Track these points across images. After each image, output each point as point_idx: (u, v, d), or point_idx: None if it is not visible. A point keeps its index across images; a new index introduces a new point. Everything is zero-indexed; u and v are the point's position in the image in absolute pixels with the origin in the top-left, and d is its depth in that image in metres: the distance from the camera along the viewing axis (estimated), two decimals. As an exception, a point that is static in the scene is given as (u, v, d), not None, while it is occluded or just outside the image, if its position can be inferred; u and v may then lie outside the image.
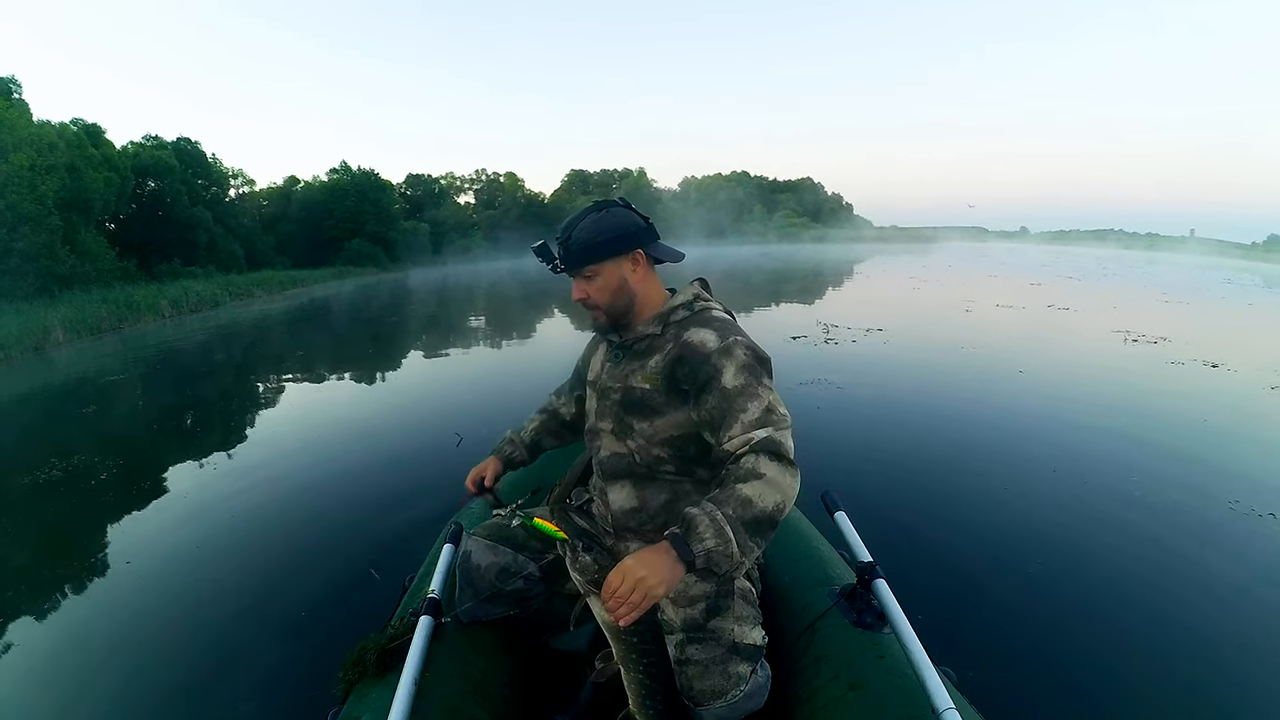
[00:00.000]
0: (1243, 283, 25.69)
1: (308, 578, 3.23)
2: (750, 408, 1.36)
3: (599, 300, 1.55)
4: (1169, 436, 5.15)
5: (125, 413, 7.29)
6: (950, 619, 2.64)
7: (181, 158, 30.37)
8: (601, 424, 1.61)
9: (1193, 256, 55.66)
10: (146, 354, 11.42)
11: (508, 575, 1.64)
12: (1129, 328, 10.74)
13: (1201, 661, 2.47)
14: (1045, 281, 21.41)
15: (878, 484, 4.12)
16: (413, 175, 55.33)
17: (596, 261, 1.51)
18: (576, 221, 1.51)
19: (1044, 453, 4.70)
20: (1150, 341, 9.53)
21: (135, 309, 16.17)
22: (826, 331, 9.90)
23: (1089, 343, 9.65)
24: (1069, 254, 51.29)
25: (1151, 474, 4.25)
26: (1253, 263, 51.07)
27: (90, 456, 5.30)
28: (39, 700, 2.51)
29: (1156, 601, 2.85)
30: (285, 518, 3.98)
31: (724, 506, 1.24)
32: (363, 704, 1.40)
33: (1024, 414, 5.76)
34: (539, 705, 1.70)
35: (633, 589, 1.18)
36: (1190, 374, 7.46)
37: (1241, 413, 5.93)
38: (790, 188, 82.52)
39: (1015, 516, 3.67)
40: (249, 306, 20.14)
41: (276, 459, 5.13)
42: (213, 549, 3.64)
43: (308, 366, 9.40)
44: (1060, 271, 27.61)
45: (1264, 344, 10.64)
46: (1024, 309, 13.71)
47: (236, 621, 2.91)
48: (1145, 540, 3.40)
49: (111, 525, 4.06)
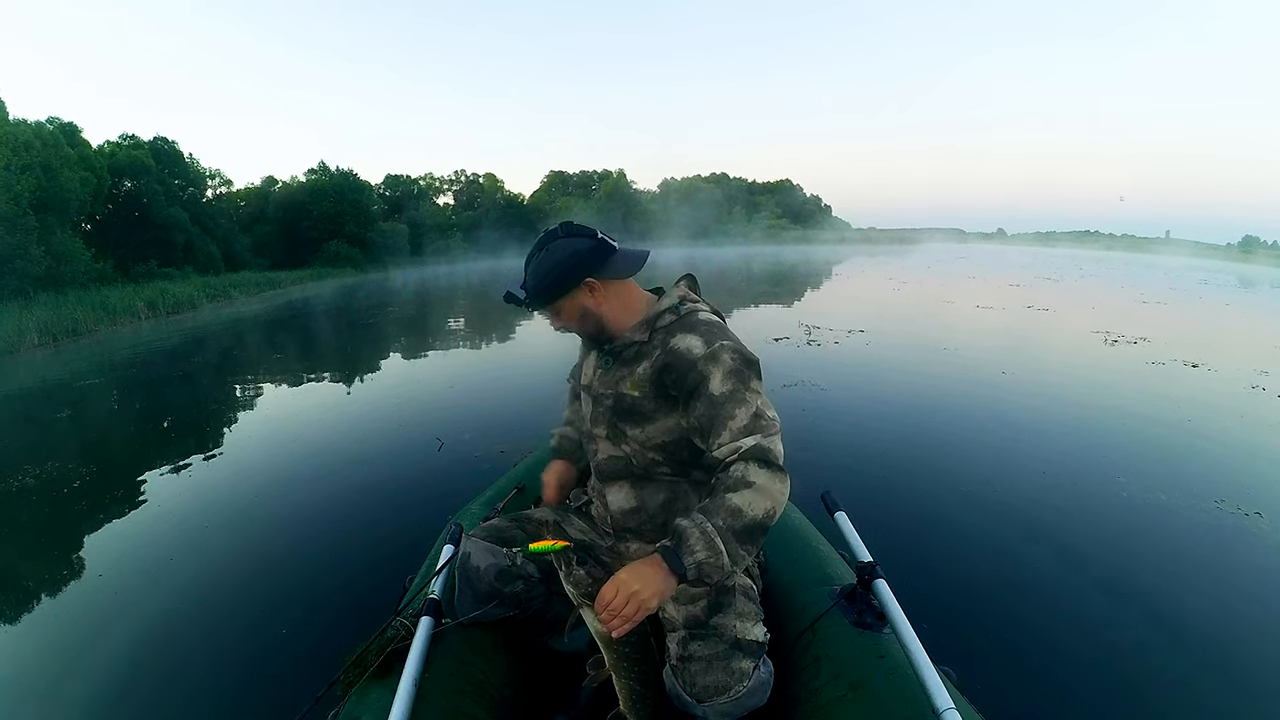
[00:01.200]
0: (1219, 283, 26.13)
1: (307, 578, 3.23)
2: (738, 414, 1.38)
3: (577, 326, 1.59)
4: (1154, 437, 5.21)
5: (102, 417, 7.15)
6: (950, 619, 2.64)
7: (158, 157, 29.78)
8: (596, 429, 1.63)
9: (1170, 258, 56.37)
10: (123, 357, 11.20)
11: (507, 576, 1.64)
12: (1109, 328, 10.90)
13: (1198, 659, 2.48)
14: (1024, 283, 21.63)
15: (876, 484, 4.13)
16: (391, 176, 54.16)
17: (551, 302, 1.54)
18: (530, 262, 1.54)
19: (1034, 453, 4.74)
20: (1130, 342, 9.66)
21: (112, 311, 15.84)
22: (809, 333, 9.92)
23: (1070, 343, 9.76)
24: (1046, 255, 51.94)
25: (1138, 474, 4.30)
26: (1229, 263, 51.90)
27: (65, 463, 5.17)
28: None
29: (1154, 601, 2.87)
30: (283, 518, 3.96)
31: (714, 517, 1.27)
32: (363, 704, 1.40)
33: (1011, 415, 5.80)
34: (539, 706, 1.71)
35: (626, 602, 1.22)
36: (1171, 374, 7.57)
37: (1223, 412, 6.03)
38: (770, 189, 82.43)
39: (1014, 516, 3.69)
40: (227, 309, 19.80)
41: (261, 462, 5.06)
42: (212, 549, 3.63)
43: (286, 369, 9.26)
44: (1038, 272, 27.90)
45: (1242, 343, 10.83)
46: (1004, 310, 13.86)
47: (236, 623, 2.90)
48: (1137, 540, 3.44)
49: (92, 532, 3.98)
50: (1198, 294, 20.38)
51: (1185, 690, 2.33)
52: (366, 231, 40.95)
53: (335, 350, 11.19)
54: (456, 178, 60.54)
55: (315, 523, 3.85)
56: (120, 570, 3.45)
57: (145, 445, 5.98)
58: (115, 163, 27.02)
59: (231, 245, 33.82)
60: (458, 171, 60.80)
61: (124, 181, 27.77)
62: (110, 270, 23.09)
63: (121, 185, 27.73)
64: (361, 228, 40.77)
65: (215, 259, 30.54)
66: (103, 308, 15.75)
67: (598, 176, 67.14)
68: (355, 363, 9.62)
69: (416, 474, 4.40)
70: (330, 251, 37.67)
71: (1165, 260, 51.10)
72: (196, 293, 20.95)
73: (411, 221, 47.97)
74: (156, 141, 31.01)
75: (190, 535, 3.79)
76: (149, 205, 27.91)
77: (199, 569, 3.40)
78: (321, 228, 39.20)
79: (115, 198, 27.49)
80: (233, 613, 2.99)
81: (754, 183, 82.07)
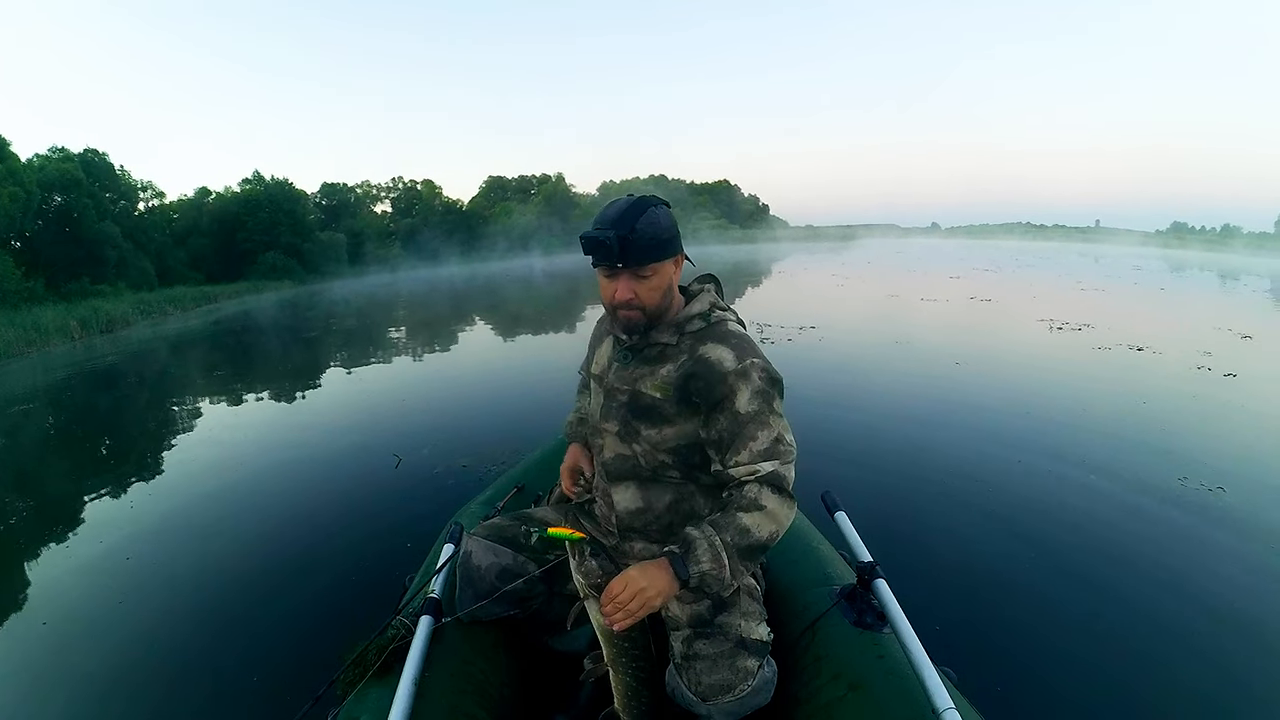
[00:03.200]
0: (1151, 269, 27.30)
1: (306, 578, 3.23)
2: (760, 436, 1.40)
3: (648, 301, 1.45)
4: (1115, 421, 5.37)
5: (37, 443, 6.78)
6: (950, 619, 2.64)
7: (89, 170, 28.53)
8: (606, 424, 1.59)
9: (1100, 246, 58.45)
10: (57, 379, 10.58)
11: (508, 575, 1.63)
12: (1052, 316, 11.30)
13: (1198, 659, 2.48)
14: (963, 275, 22.28)
15: (870, 483, 4.11)
16: (328, 184, 51.91)
17: (659, 260, 1.42)
18: (631, 214, 1.38)
19: (1010, 443, 4.82)
20: (1075, 329, 9.99)
21: (43, 331, 15.04)
22: (760, 331, 9.84)
23: (1018, 333, 9.99)
24: (980, 247, 53.97)
25: (1107, 463, 4.39)
26: (1161, 250, 54.13)
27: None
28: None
29: (1150, 602, 2.86)
30: (281, 521, 3.99)
31: (723, 533, 1.32)
32: (363, 704, 1.39)
33: (972, 407, 5.84)
34: (539, 705, 1.71)
35: (632, 597, 1.26)
36: (1120, 358, 7.86)
37: (1176, 394, 6.31)
38: (709, 190, 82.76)
39: (1013, 517, 3.68)
40: (162, 325, 18.98)
41: (240, 474, 4.93)
42: (211, 549, 3.66)
43: (228, 385, 8.94)
44: (975, 264, 28.70)
45: (1180, 326, 11.33)
46: (950, 302, 14.19)
47: (236, 623, 2.90)
48: (1119, 531, 3.48)
49: (89, 535, 4.00)
50: (1132, 280, 21.29)
51: (1185, 690, 2.33)
52: (304, 242, 39.90)
53: (277, 365, 10.75)
54: (394, 185, 58.58)
55: (316, 524, 3.87)
56: (120, 570, 3.47)
57: (101, 465, 5.76)
58: (45, 177, 25.76)
59: (165, 260, 32.70)
60: (395, 179, 58.88)
61: (54, 196, 26.56)
62: (41, 289, 22.03)
63: (51, 200, 26.50)
64: (298, 238, 39.48)
65: (149, 274, 29.35)
66: (34, 328, 14.99)
67: (536, 181, 66.62)
68: (300, 379, 9.19)
69: (373, 492, 4.32)
70: (267, 263, 36.48)
71: (1095, 249, 53.15)
72: (130, 310, 20.13)
73: (349, 230, 46.76)
74: (87, 154, 29.81)
75: (191, 534, 3.86)
76: (80, 220, 26.74)
77: (198, 569, 3.42)
78: (257, 239, 37.94)
79: (45, 213, 26.24)
80: (232, 612, 2.98)
81: (693, 184, 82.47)
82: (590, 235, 1.37)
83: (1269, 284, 22.48)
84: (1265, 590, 2.91)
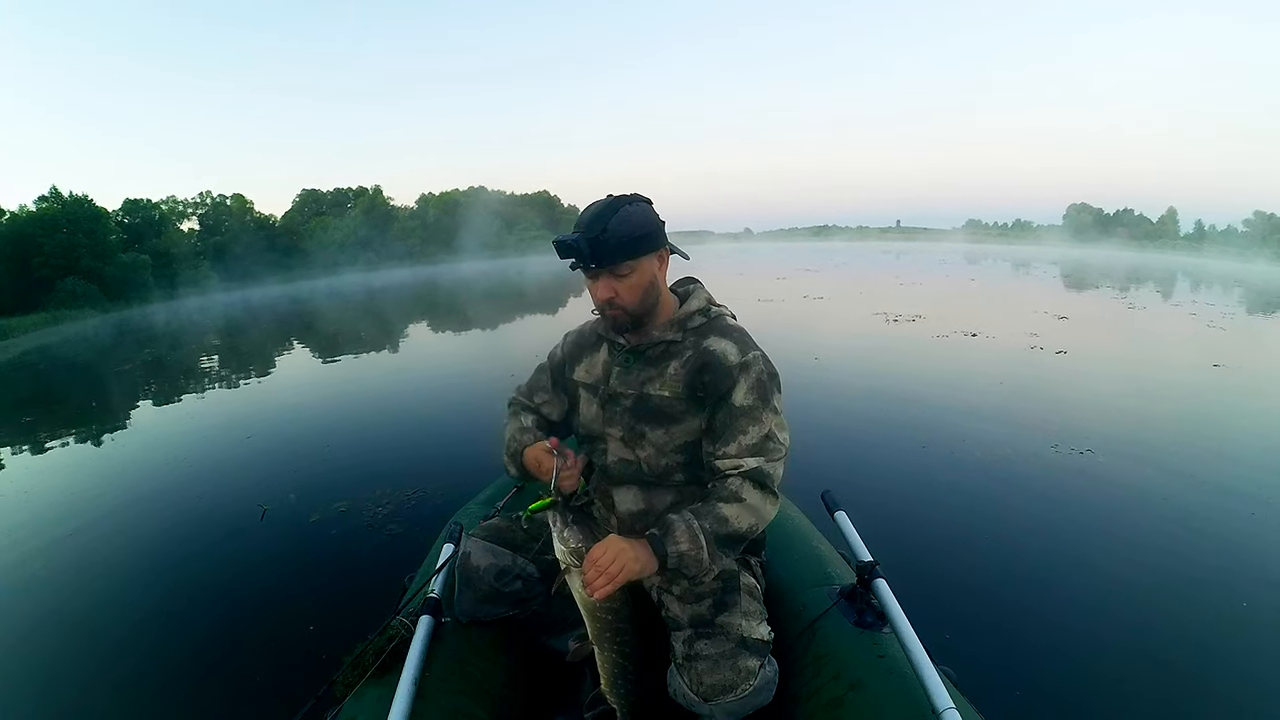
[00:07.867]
0: (954, 262, 29.57)
1: (307, 578, 3.27)
2: (751, 431, 1.43)
3: (628, 300, 1.46)
4: (981, 399, 5.73)
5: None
6: (950, 619, 2.64)
7: None
8: (609, 429, 1.59)
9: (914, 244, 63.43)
10: None
11: (507, 576, 1.64)
12: (884, 310, 11.76)
13: (1193, 653, 2.52)
14: (789, 275, 22.93)
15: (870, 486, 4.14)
16: (130, 201, 46.87)
17: (634, 257, 1.42)
18: (604, 215, 1.39)
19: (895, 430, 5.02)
20: (909, 320, 10.42)
21: None
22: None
23: (860, 326, 10.35)
24: (793, 249, 56.15)
25: (997, 441, 4.67)
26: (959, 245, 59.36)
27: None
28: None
29: (1148, 600, 2.89)
30: (282, 524, 3.94)
31: (702, 519, 1.36)
32: (363, 704, 1.39)
33: (831, 405, 5.86)
34: (538, 705, 1.70)
35: (612, 560, 1.27)
36: (961, 345, 8.32)
37: (1023, 372, 6.78)
38: (528, 201, 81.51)
39: (1011, 516, 3.71)
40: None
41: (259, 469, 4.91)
42: (210, 549, 3.68)
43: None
44: (796, 265, 29.80)
45: (1000, 312, 12.08)
46: (785, 301, 14.48)
47: (237, 624, 2.91)
48: (1054, 522, 3.61)
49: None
50: (942, 273, 22.73)
51: (1186, 690, 2.35)
52: (105, 265, 35.82)
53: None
54: (202, 200, 54.05)
55: (317, 527, 3.85)
56: (119, 570, 3.52)
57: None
58: None
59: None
60: (203, 193, 54.34)
61: None
62: None
63: None
64: (99, 261, 35.28)
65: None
66: None
67: (353, 194, 64.05)
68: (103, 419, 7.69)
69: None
70: (66, 290, 32.09)
71: (898, 245, 57.59)
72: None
73: (154, 251, 42.61)
74: None
75: (189, 535, 3.88)
76: None
77: (198, 569, 3.44)
78: (54, 264, 33.58)
79: None
80: (232, 614, 2.99)
81: (513, 195, 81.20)
82: (560, 240, 1.39)
83: (1059, 270, 24.63)
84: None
